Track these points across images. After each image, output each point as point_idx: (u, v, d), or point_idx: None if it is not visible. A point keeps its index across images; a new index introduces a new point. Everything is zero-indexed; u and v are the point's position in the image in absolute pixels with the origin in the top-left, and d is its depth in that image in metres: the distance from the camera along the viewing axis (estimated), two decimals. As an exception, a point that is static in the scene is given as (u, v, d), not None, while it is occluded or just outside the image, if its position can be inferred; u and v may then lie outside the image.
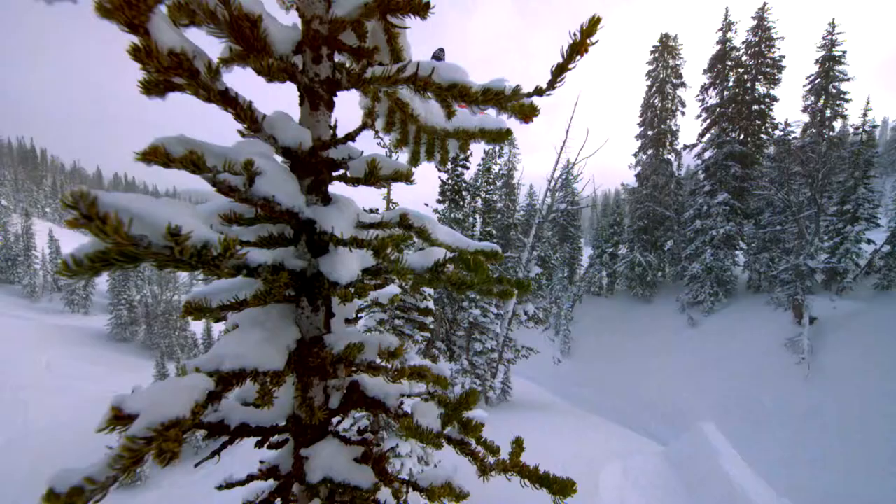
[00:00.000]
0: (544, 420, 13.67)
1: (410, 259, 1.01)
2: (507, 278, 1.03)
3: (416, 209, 1.15)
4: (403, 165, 1.06)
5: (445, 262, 0.94)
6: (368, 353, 1.04)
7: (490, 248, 1.24)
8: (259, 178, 0.89)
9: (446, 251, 1.06)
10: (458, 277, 0.96)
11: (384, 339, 1.05)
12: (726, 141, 24.92)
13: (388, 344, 1.04)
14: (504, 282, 1.02)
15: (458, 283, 0.96)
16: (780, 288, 19.64)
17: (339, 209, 1.05)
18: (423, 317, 9.38)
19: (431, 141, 1.37)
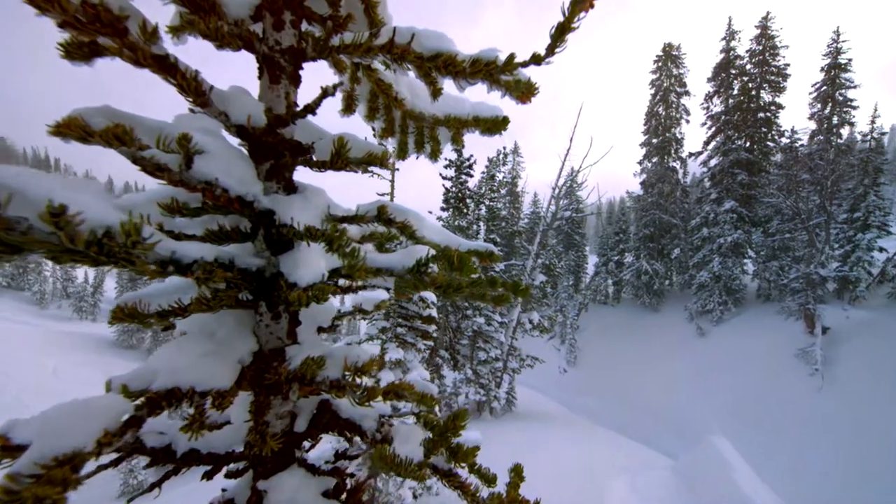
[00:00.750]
0: (549, 431, 13.34)
1: (389, 258, 0.86)
2: (502, 280, 0.88)
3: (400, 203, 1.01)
4: (378, 147, 0.91)
5: (428, 261, 0.80)
6: (332, 369, 0.88)
7: (484, 247, 1.09)
8: (200, 157, 0.75)
9: (430, 249, 0.91)
10: (444, 279, 0.82)
11: (352, 351, 0.89)
12: (732, 149, 24.74)
13: (355, 358, 0.88)
14: (499, 284, 0.87)
15: (443, 285, 0.82)
16: (790, 297, 19.24)
17: (305, 199, 0.90)
18: (426, 325, 9.19)
19: (420, 130, 1.23)
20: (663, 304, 27.15)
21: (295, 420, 0.96)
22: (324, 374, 0.86)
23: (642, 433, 17.11)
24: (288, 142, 0.88)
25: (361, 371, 0.86)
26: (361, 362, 0.87)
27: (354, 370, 0.86)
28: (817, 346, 16.82)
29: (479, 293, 0.96)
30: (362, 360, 0.88)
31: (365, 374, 0.86)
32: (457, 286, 0.83)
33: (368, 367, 0.86)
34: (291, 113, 0.86)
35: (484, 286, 0.85)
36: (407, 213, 0.99)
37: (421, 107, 1.16)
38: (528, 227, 30.61)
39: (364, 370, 0.86)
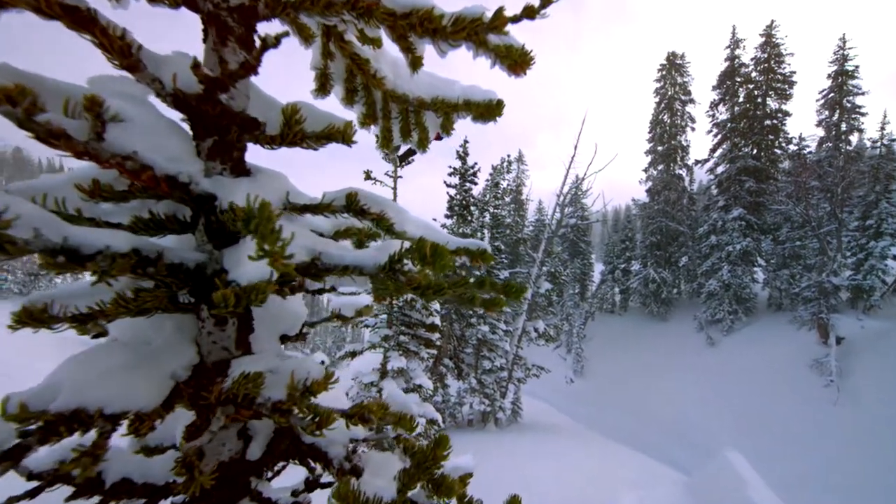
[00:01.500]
0: (556, 443, 12.98)
1: (359, 255, 0.73)
2: (491, 281, 0.74)
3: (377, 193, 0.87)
4: (339, 119, 0.78)
5: (402, 256, 0.66)
6: (275, 388, 0.73)
7: (476, 245, 0.95)
8: (116, 126, 0.62)
9: (405, 243, 0.78)
10: (423, 279, 0.68)
11: (302, 366, 0.74)
12: (739, 156, 24.52)
13: (304, 374, 0.73)
14: (488, 285, 0.73)
15: (422, 286, 0.68)
16: (802, 306, 18.80)
17: (256, 183, 0.77)
18: (429, 333, 9.02)
19: (405, 115, 1.10)
20: (671, 313, 26.69)
21: (248, 445, 0.81)
22: (266, 395, 0.71)
23: (651, 446, 16.65)
24: (233, 114, 0.74)
25: (309, 391, 0.71)
26: (312, 379, 0.72)
27: (302, 389, 0.71)
28: (831, 357, 16.36)
29: (467, 296, 0.81)
30: (313, 377, 0.72)
31: (314, 394, 0.71)
32: (437, 287, 0.69)
33: (318, 388, 0.70)
34: (228, 73, 0.72)
35: (471, 288, 0.71)
36: (384, 203, 0.85)
37: (405, 88, 1.03)
38: (533, 235, 30.42)
39: (313, 390, 0.70)
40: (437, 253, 0.58)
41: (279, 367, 0.73)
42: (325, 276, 0.73)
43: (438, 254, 0.58)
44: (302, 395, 0.67)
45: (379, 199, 0.85)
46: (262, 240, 0.46)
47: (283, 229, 0.75)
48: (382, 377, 8.32)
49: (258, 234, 0.46)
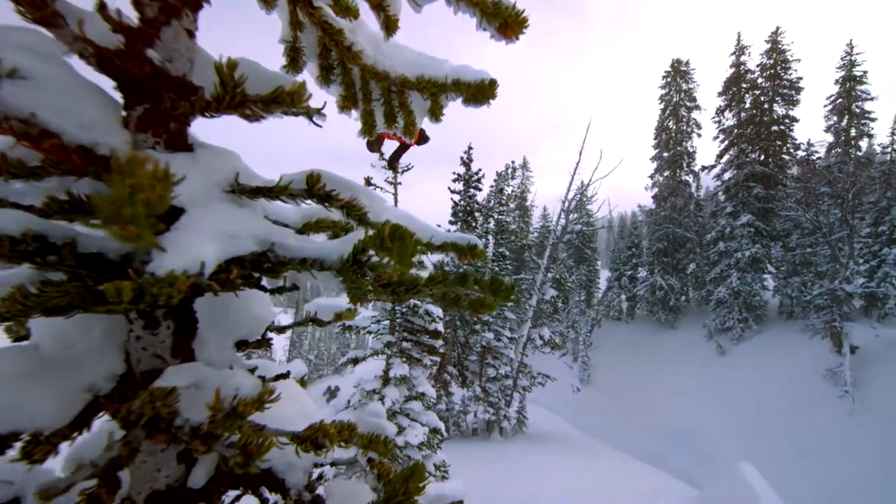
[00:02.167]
0: (562, 454, 12.69)
1: (321, 246, 0.61)
2: (475, 277, 0.62)
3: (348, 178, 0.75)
4: (289, 79, 0.66)
5: (366, 246, 0.54)
6: (194, 408, 0.60)
7: (466, 240, 0.83)
8: (14, 84, 0.52)
9: (368, 230, 0.66)
10: (393, 275, 0.56)
11: (231, 380, 0.60)
12: (746, 162, 24.29)
13: (231, 391, 0.59)
14: (471, 281, 0.61)
15: (390, 282, 0.56)
16: (815, 314, 18.38)
17: (194, 160, 0.65)
18: (433, 340, 8.86)
19: (387, 96, 0.99)
20: (680, 321, 26.26)
21: (191, 470, 0.69)
22: (185, 416, 0.59)
23: (660, 457, 16.23)
24: (167, 77, 0.63)
25: (237, 413, 0.57)
26: (239, 398, 0.58)
27: (227, 410, 0.58)
28: (846, 367, 15.92)
29: (451, 296, 0.69)
30: (245, 394, 0.59)
31: (241, 416, 0.58)
32: (411, 284, 0.57)
33: (248, 409, 0.57)
34: (147, 19, 0.61)
35: (451, 285, 0.59)
36: (355, 189, 0.74)
37: (386, 65, 0.92)
38: (538, 241, 30.23)
39: (240, 412, 0.57)
40: (398, 237, 0.47)
41: (206, 380, 0.61)
42: (280, 270, 0.62)
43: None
44: (227, 417, 0.55)
45: (350, 183, 0.74)
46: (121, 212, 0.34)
47: (225, 214, 0.63)
48: (385, 385, 8.17)
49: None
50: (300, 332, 44.72)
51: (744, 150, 24.79)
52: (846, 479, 12.94)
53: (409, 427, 8.27)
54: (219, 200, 0.64)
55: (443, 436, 8.68)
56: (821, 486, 13.05)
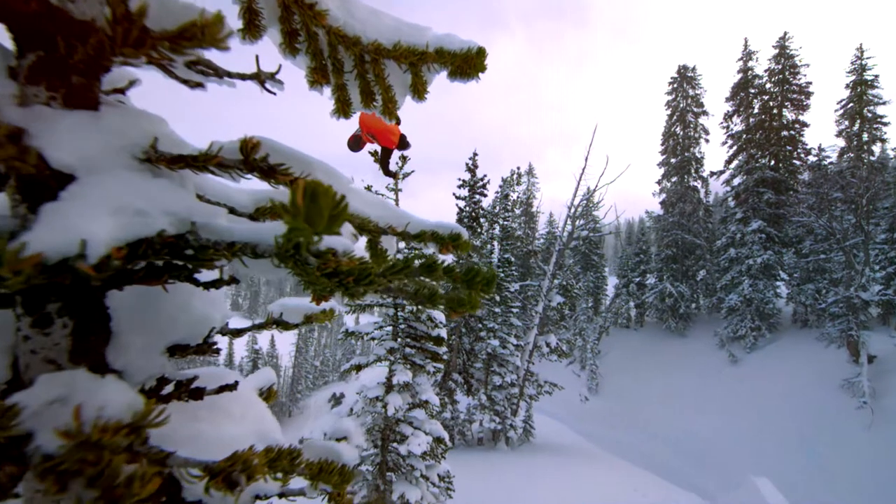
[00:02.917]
0: (570, 465, 12.37)
1: (256, 228, 0.49)
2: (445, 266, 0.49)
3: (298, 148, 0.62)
4: (207, 12, 0.54)
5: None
6: (43, 433, 0.46)
7: (449, 229, 0.71)
8: None
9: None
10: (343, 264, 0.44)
11: (96, 395, 0.47)
12: (756, 167, 23.96)
13: (93, 412, 0.45)
14: (440, 271, 0.48)
15: (337, 272, 0.44)
16: (830, 322, 17.91)
17: (96, 120, 0.54)
18: (436, 346, 8.71)
19: (361, 67, 0.87)
20: (690, 329, 25.75)
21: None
22: (36, 443, 0.45)
23: (671, 469, 15.78)
24: (66, 20, 0.51)
25: (94, 443, 0.43)
26: (103, 421, 0.44)
27: (85, 437, 0.44)
28: (863, 377, 15.42)
29: (423, 292, 0.56)
30: (110, 415, 0.44)
31: (102, 446, 0.44)
32: (362, 274, 0.44)
33: (107, 437, 0.43)
34: None
35: (414, 274, 0.47)
36: (311, 165, 0.61)
37: (357, 29, 0.81)
38: (544, 247, 29.99)
39: (97, 441, 0.43)
40: (313, 195, 0.34)
41: (71, 395, 0.47)
42: (204, 258, 0.49)
43: (312, 196, 0.34)
44: (80, 446, 0.41)
45: (303, 157, 0.61)
46: None
47: (132, 185, 0.51)
48: (388, 392, 8.02)
49: None
50: (305, 338, 44.69)
51: (753, 155, 24.49)
52: (865, 494, 12.44)
53: (412, 436, 8.09)
54: (125, 169, 0.52)
55: (447, 445, 8.48)
56: (838, 500, 12.56)
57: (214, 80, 0.69)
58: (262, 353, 38.62)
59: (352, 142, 3.66)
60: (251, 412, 0.76)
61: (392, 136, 3.44)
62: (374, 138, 3.55)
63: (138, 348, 0.61)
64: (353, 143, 3.67)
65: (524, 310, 20.03)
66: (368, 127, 3.46)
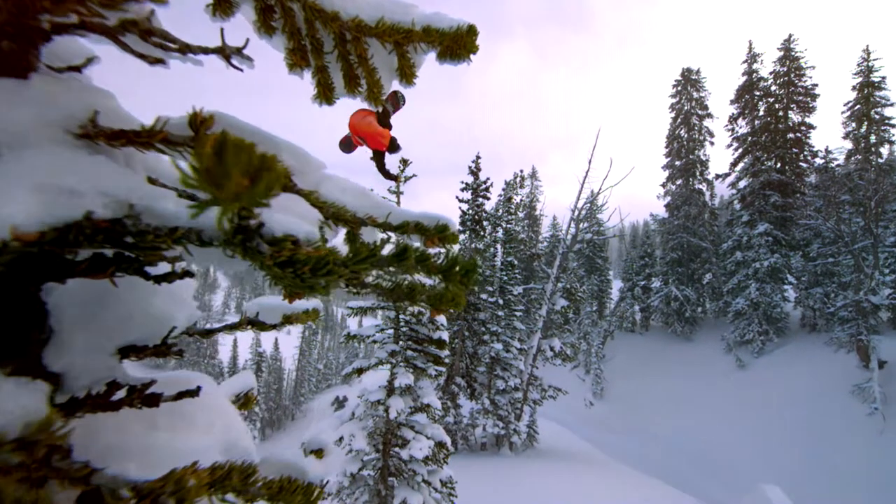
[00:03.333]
0: (575, 471, 12.18)
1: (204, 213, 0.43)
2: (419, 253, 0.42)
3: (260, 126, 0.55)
4: None
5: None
6: None
7: (434, 219, 0.64)
8: None
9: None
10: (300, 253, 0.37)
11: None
12: (762, 170, 23.76)
13: None
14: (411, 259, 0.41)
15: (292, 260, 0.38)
16: (839, 327, 17.62)
17: (22, 89, 0.47)
18: (438, 349, 8.62)
19: (342, 47, 0.81)
20: (697, 333, 25.46)
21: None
22: None
23: (678, 476, 15.52)
24: None
25: None
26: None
27: None
28: (874, 383, 15.14)
29: (400, 289, 0.50)
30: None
31: None
32: (319, 264, 0.38)
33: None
34: None
35: (382, 263, 0.40)
36: (276, 144, 0.54)
37: (336, 5, 0.75)
38: (548, 251, 29.85)
39: None
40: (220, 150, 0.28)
41: None
42: (146, 245, 0.43)
43: (224, 150, 0.27)
44: None
45: (264, 135, 0.55)
46: None
47: (63, 162, 0.45)
48: (389, 395, 7.94)
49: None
50: (309, 341, 44.65)
51: (759, 157, 24.31)
52: (877, 500, 12.17)
53: (413, 440, 7.99)
54: (57, 143, 0.46)
55: (449, 450, 8.36)
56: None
57: (177, 57, 0.63)
58: (266, 357, 38.62)
59: (343, 143, 3.64)
60: (219, 421, 0.70)
61: (381, 139, 3.37)
62: (363, 142, 3.52)
63: (83, 349, 0.54)
64: (344, 145, 3.65)
65: (528, 313, 19.88)
66: (357, 130, 3.42)
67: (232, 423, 0.72)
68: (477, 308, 15.05)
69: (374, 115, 3.35)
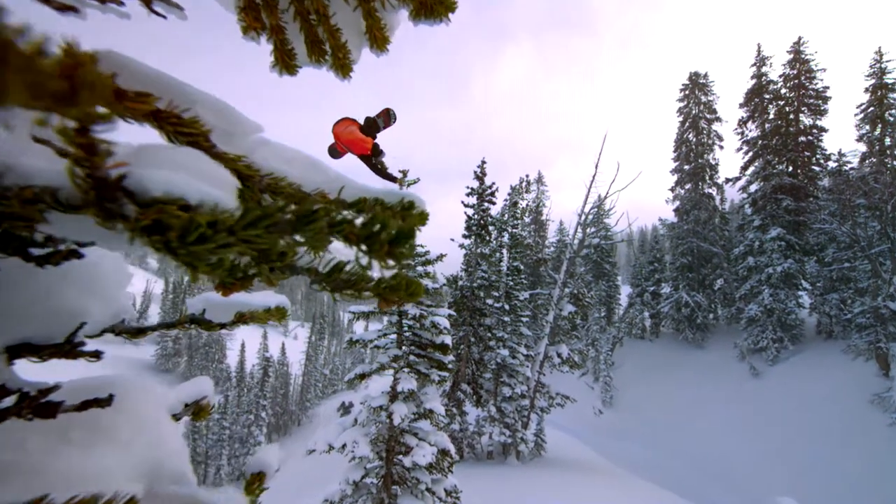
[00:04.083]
0: (584, 482, 11.88)
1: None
2: (349, 221, 0.33)
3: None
4: None
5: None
6: None
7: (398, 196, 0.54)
8: None
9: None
10: (170, 217, 0.28)
11: None
12: (773, 173, 23.37)
13: None
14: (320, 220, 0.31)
15: (161, 224, 0.28)
16: (857, 334, 17.13)
17: None
18: (442, 355, 8.48)
19: (297, 5, 0.71)
20: (708, 340, 24.94)
21: None
22: None
23: (690, 488, 15.08)
24: None
25: None
26: None
27: None
28: (895, 391, 14.63)
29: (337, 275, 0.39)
30: None
31: None
32: (189, 229, 0.28)
33: None
34: None
35: (281, 228, 0.30)
36: (190, 95, 0.44)
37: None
38: (555, 256, 29.57)
39: None
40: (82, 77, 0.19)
41: None
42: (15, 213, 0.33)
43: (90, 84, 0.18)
44: None
45: (173, 83, 0.44)
46: None
47: None
48: (393, 400, 7.81)
49: None
50: (315, 346, 44.64)
51: (770, 161, 23.94)
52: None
53: (417, 447, 7.83)
54: None
55: (453, 458, 8.18)
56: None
57: (94, 5, 0.54)
58: (273, 361, 38.68)
59: (331, 150, 3.86)
60: (146, 435, 0.59)
61: (365, 145, 3.59)
62: (348, 149, 3.73)
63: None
64: (331, 152, 3.87)
65: (534, 319, 19.63)
66: (340, 139, 3.67)
67: (161, 438, 0.61)
68: (483, 313, 14.88)
69: (357, 125, 3.65)
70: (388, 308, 0.48)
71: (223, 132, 0.50)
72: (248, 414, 30.90)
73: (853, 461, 13.99)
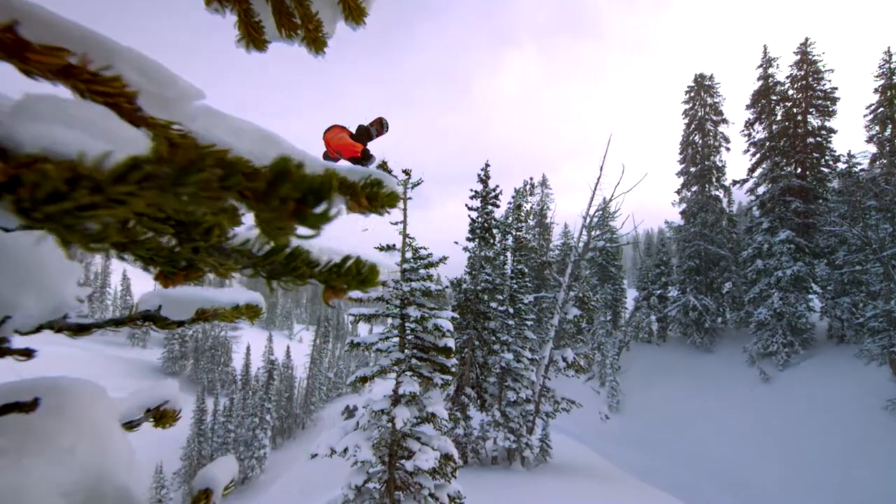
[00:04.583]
0: (590, 488, 11.68)
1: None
2: (207, 162, 0.27)
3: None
4: None
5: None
6: None
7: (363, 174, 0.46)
8: None
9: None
10: (32, 171, 0.22)
11: None
12: (781, 175, 23.07)
13: None
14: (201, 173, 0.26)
15: (19, 183, 0.23)
16: (870, 338, 16.77)
17: None
18: (444, 358, 8.39)
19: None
20: (717, 344, 24.57)
21: None
22: None
23: (698, 495, 14.79)
24: None
25: None
26: None
27: None
28: (911, 397, 14.29)
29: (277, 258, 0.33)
30: None
31: None
32: (41, 186, 0.21)
33: None
34: None
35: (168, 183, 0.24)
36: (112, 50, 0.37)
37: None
38: (559, 258, 29.37)
39: None
40: None
41: None
42: None
43: None
44: None
45: (93, 37, 0.38)
46: None
47: None
48: (395, 404, 7.72)
49: None
50: (320, 349, 44.63)
51: (778, 163, 23.65)
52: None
53: (419, 451, 7.73)
54: None
55: (456, 463, 8.06)
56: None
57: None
58: (278, 364, 38.71)
59: (324, 158, 3.95)
60: (90, 443, 0.53)
61: (355, 149, 3.70)
62: (339, 155, 3.83)
63: None
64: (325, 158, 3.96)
65: (539, 323, 19.47)
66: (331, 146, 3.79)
67: (108, 447, 0.54)
68: (487, 317, 14.76)
69: (347, 132, 3.77)
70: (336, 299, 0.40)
71: (158, 97, 0.44)
72: (253, 417, 30.90)
73: (867, 468, 13.65)
